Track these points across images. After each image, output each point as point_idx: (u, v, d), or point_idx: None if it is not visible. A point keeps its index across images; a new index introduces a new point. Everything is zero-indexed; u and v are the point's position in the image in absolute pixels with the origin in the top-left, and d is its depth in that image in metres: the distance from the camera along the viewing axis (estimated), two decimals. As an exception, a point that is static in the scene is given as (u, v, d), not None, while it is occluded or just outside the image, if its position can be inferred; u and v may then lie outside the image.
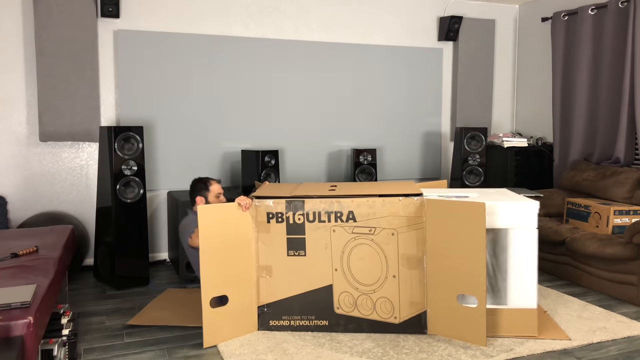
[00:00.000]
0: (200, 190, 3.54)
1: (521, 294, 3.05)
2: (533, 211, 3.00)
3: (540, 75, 5.64)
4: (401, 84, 5.43)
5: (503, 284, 3.08)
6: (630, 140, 4.55)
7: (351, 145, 5.30)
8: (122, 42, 4.43)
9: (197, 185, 3.57)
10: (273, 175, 4.56)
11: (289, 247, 3.13)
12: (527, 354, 2.85)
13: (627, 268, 3.66)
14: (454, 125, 5.66)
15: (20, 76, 4.24)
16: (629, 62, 4.41)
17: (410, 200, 3.05)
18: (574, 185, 4.72)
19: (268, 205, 3.12)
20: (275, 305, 3.16)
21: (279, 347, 2.95)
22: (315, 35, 5.10)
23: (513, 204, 3.01)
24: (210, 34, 4.72)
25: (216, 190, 3.56)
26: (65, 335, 2.57)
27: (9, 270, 2.57)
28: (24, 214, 4.30)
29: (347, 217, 3.09)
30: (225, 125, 4.82)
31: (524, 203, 3.01)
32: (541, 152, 5.34)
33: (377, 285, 3.10)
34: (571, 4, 5.17)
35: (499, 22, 5.84)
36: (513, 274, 3.05)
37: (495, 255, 3.09)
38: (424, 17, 5.51)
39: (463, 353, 2.85)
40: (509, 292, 3.06)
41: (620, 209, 4.01)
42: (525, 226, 3.02)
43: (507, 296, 3.07)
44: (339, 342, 3.02)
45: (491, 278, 3.09)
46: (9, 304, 2.06)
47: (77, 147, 4.43)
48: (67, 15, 4.20)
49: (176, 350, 2.94)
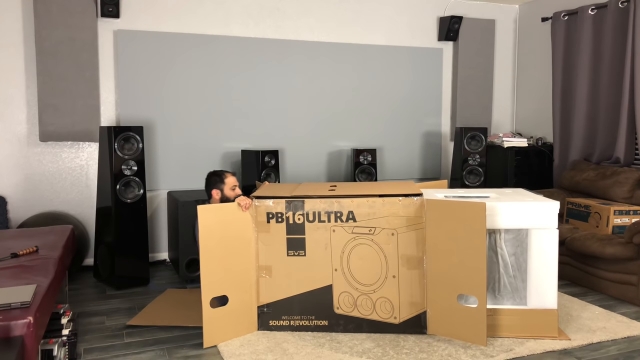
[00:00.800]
0: (216, 184, 3.49)
1: (541, 294, 3.04)
2: (554, 211, 3.00)
3: (540, 75, 5.64)
4: (401, 84, 5.43)
5: (522, 285, 3.07)
6: (630, 140, 4.55)
7: (351, 145, 5.30)
8: (122, 42, 4.43)
9: (212, 178, 3.53)
10: (273, 175, 4.57)
11: (288, 247, 3.13)
12: (527, 354, 2.85)
13: (627, 268, 3.66)
14: (454, 125, 5.66)
15: (20, 76, 4.24)
16: (629, 62, 4.41)
17: (410, 200, 3.05)
18: (574, 185, 4.72)
19: (268, 205, 3.12)
20: (275, 305, 3.16)
21: (279, 347, 2.95)
22: (315, 35, 5.10)
23: (534, 204, 3.00)
24: (210, 34, 4.72)
25: (232, 182, 3.51)
26: (65, 335, 2.57)
27: (9, 270, 2.57)
28: (24, 214, 4.30)
29: (347, 217, 3.09)
30: (225, 125, 4.82)
31: (544, 203, 3.00)
32: (541, 152, 5.34)
33: (377, 286, 3.10)
34: (571, 4, 5.16)
35: (499, 22, 5.84)
36: (533, 274, 3.04)
37: (515, 256, 3.09)
38: (424, 17, 5.51)
39: (463, 353, 2.85)
40: (528, 293, 3.05)
41: (620, 209, 4.01)
42: (545, 226, 3.01)
43: (527, 297, 3.06)
44: (338, 342, 3.02)
45: (511, 278, 3.09)
46: (9, 304, 2.06)
47: (77, 147, 4.43)
48: (67, 15, 4.20)
49: (176, 350, 2.94)
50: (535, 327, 3.04)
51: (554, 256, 3.02)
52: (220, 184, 3.48)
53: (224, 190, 3.48)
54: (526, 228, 3.04)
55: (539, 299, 3.04)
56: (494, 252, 3.10)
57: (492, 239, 3.09)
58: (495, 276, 3.11)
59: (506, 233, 3.08)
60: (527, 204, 3.01)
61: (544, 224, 3.01)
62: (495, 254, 3.10)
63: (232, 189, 3.49)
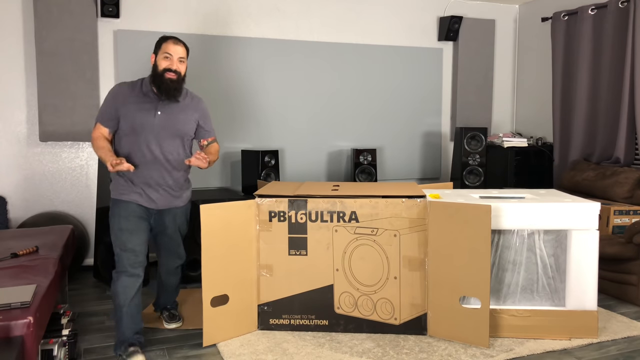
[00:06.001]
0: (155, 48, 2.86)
1: (581, 295, 3.03)
2: (594, 212, 2.99)
3: (540, 75, 5.65)
4: (401, 84, 5.43)
5: (561, 285, 3.07)
6: (630, 140, 4.55)
7: (351, 145, 5.30)
8: (122, 42, 4.43)
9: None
10: (273, 175, 4.56)
11: (290, 246, 3.13)
12: (527, 354, 2.85)
13: (627, 268, 3.66)
14: (454, 125, 5.66)
15: (20, 76, 4.23)
16: (629, 62, 4.42)
17: (413, 201, 3.05)
18: (574, 185, 4.72)
19: (270, 203, 3.11)
20: (275, 304, 3.16)
21: (279, 347, 2.95)
22: (315, 35, 5.09)
23: (575, 205, 2.99)
24: (210, 34, 4.72)
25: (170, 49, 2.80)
26: (65, 335, 2.57)
27: (9, 270, 2.57)
28: (24, 214, 4.30)
29: (349, 218, 3.09)
30: (225, 125, 4.82)
31: (585, 204, 2.99)
32: (541, 152, 5.34)
33: (378, 286, 3.10)
34: (571, 4, 5.17)
35: (499, 22, 5.84)
36: (573, 275, 3.03)
37: (554, 257, 3.08)
38: (424, 17, 5.51)
39: (463, 353, 2.85)
40: (567, 294, 3.05)
41: (620, 209, 4.01)
42: (586, 227, 3.00)
43: (566, 298, 3.05)
44: (339, 342, 3.02)
45: (549, 279, 3.09)
46: (9, 304, 2.06)
47: (77, 147, 4.42)
48: (67, 15, 4.19)
49: (176, 350, 2.93)
50: (574, 328, 3.03)
51: (594, 257, 3.01)
52: (157, 50, 2.83)
53: (158, 55, 2.81)
54: (566, 229, 3.03)
55: (578, 300, 3.03)
56: (533, 252, 3.09)
57: (531, 240, 3.09)
58: (533, 277, 3.10)
59: (545, 234, 3.08)
60: (568, 204, 3.00)
61: (585, 225, 3.00)
62: (534, 254, 3.10)
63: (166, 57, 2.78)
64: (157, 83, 2.81)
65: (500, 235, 3.10)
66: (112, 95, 2.84)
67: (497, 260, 3.12)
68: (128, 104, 2.81)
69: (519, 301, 3.11)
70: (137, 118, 2.79)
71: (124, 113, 2.80)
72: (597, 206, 2.99)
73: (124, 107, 2.80)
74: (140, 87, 2.86)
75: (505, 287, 3.12)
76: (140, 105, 2.82)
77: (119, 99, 2.82)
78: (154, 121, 2.82)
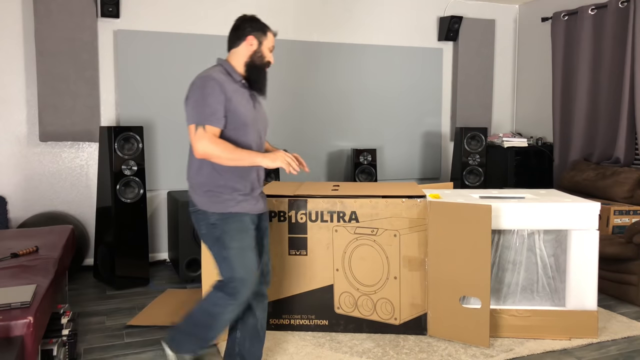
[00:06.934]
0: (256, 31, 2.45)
1: (581, 295, 3.03)
2: (594, 212, 2.99)
3: (540, 75, 5.65)
4: (401, 84, 5.43)
5: (561, 285, 3.07)
6: (630, 140, 4.55)
7: (351, 145, 5.30)
8: (122, 42, 4.43)
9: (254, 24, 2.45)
10: (273, 175, 4.57)
11: (290, 246, 3.13)
12: (527, 354, 2.85)
13: (627, 268, 3.66)
14: (454, 125, 5.66)
15: (20, 76, 4.23)
16: (629, 62, 4.41)
17: (413, 202, 3.05)
18: (574, 185, 4.72)
19: (271, 203, 3.11)
20: (275, 303, 3.16)
21: (279, 347, 2.95)
22: (315, 35, 5.09)
23: (575, 205, 3.00)
24: (210, 34, 4.72)
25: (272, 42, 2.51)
26: (65, 335, 2.57)
27: (9, 270, 2.57)
28: (24, 214, 4.30)
29: (349, 218, 3.09)
30: (225, 125, 4.81)
31: (585, 204, 3.00)
32: (541, 152, 5.34)
33: (378, 286, 3.10)
34: (571, 4, 5.17)
35: (499, 22, 5.84)
36: (573, 275, 3.03)
37: (554, 256, 3.08)
38: (424, 17, 5.51)
39: (463, 353, 2.85)
40: (567, 294, 3.05)
41: (620, 209, 4.01)
42: (586, 227, 3.00)
43: (566, 298, 3.05)
44: (339, 342, 3.02)
45: (549, 279, 3.09)
46: (9, 304, 2.06)
47: (77, 147, 4.42)
48: (67, 15, 4.19)
49: (176, 350, 2.93)
50: (574, 328, 3.04)
51: (594, 257, 3.01)
52: (261, 36, 2.44)
53: (263, 44, 2.45)
54: (566, 229, 3.03)
55: (578, 300, 3.03)
56: (533, 252, 3.10)
57: (531, 240, 3.09)
58: (533, 277, 3.11)
59: (545, 234, 3.08)
60: (568, 204, 3.00)
61: (585, 225, 3.00)
62: (534, 254, 3.10)
63: (270, 50, 2.50)
64: (257, 74, 2.45)
65: (500, 235, 3.10)
66: (218, 86, 2.32)
67: (497, 260, 3.12)
68: (234, 96, 2.38)
69: (519, 301, 3.12)
70: (247, 111, 2.40)
71: (234, 107, 2.36)
72: (597, 206, 2.99)
73: (232, 100, 2.36)
74: (232, 77, 2.43)
75: (505, 287, 3.13)
76: (242, 97, 2.42)
77: (227, 91, 2.35)
78: (257, 115, 2.47)
